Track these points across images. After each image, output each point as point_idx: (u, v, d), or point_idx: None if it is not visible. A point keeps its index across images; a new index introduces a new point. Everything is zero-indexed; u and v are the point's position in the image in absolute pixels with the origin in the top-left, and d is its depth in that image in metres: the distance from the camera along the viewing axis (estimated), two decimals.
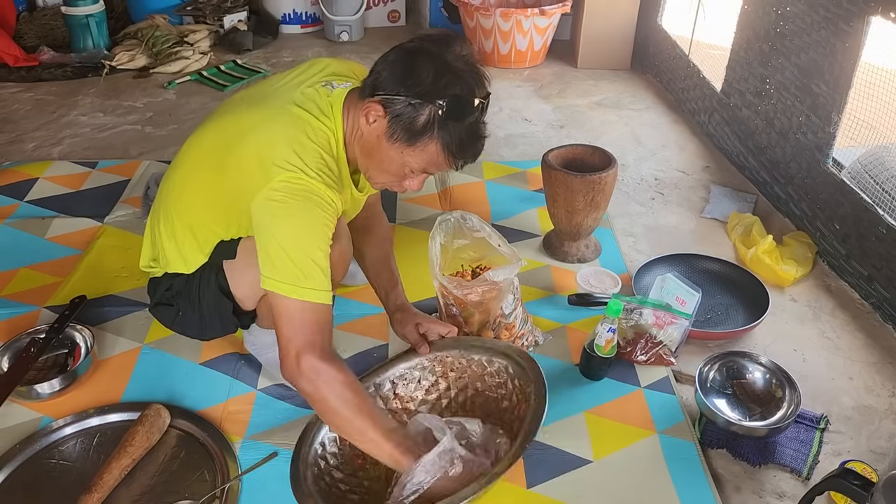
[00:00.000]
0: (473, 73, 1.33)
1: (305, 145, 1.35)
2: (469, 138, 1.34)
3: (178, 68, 3.53)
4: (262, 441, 1.53)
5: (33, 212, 2.32)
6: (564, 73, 3.69)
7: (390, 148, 1.35)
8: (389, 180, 1.44)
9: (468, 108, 1.31)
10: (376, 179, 1.46)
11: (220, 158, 1.41)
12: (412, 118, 1.30)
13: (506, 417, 1.47)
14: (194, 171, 1.50)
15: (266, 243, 1.33)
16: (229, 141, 1.40)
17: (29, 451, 1.49)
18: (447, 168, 1.38)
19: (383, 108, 1.32)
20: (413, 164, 1.37)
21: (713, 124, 2.91)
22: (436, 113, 1.29)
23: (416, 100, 1.29)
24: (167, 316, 1.68)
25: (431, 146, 1.33)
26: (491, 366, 1.53)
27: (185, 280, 1.59)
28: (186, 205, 1.53)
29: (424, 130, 1.31)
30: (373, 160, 1.41)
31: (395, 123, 1.32)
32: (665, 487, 1.45)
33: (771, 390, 1.65)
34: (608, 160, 2.05)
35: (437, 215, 1.70)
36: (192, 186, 1.51)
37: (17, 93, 3.29)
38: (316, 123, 1.38)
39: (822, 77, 2.14)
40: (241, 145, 1.37)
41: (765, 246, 2.09)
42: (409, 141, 1.33)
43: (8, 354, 1.69)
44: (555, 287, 2.04)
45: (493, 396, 1.53)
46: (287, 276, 1.30)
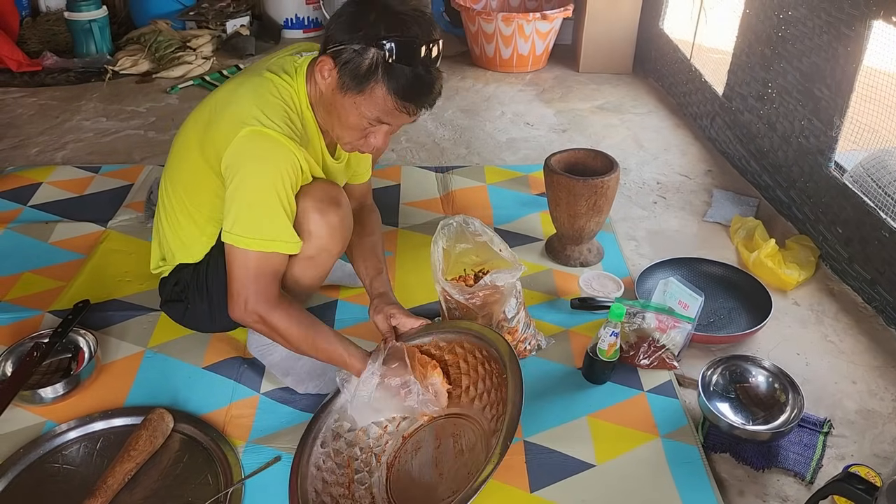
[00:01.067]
0: (419, 17, 1.34)
1: (267, 100, 1.40)
2: (417, 81, 1.34)
3: (180, 73, 3.54)
4: (265, 445, 1.53)
5: (37, 216, 2.32)
6: (566, 77, 3.70)
7: (343, 99, 1.38)
8: (353, 137, 1.45)
9: (413, 51, 1.32)
10: (342, 139, 1.48)
11: (201, 135, 1.46)
12: (357, 64, 1.33)
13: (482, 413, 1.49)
14: (182, 158, 1.54)
15: (230, 197, 1.38)
16: (208, 117, 1.46)
17: (32, 456, 1.49)
18: (400, 115, 1.39)
19: (332, 60, 1.36)
20: (366, 112, 1.38)
21: (715, 128, 2.91)
22: (379, 56, 1.31)
23: (358, 45, 1.32)
24: (177, 312, 1.69)
25: (378, 90, 1.34)
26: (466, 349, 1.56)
27: (192, 270, 1.61)
28: (181, 192, 1.56)
29: (369, 74, 1.33)
30: (333, 117, 1.44)
31: (343, 72, 1.35)
32: (668, 491, 1.45)
33: (774, 394, 1.65)
34: (610, 164, 2.05)
35: (440, 219, 1.70)
36: (183, 173, 1.55)
37: (20, 98, 3.30)
38: (279, 81, 1.43)
39: (824, 81, 2.14)
40: (218, 115, 1.43)
41: (767, 250, 2.09)
42: (358, 87, 1.35)
43: (11, 359, 1.69)
44: (557, 291, 2.04)
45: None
46: (246, 230, 1.37)
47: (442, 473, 1.44)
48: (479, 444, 1.44)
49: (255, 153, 1.37)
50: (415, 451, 1.51)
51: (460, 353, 1.55)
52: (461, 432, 1.49)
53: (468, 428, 1.49)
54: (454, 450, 1.47)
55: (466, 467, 1.41)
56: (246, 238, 1.37)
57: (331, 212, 1.48)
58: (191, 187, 1.54)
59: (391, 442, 1.53)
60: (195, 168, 1.51)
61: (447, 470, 1.44)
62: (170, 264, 1.64)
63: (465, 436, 1.48)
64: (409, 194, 2.49)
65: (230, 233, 1.38)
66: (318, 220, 1.45)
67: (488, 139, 3.00)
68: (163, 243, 1.64)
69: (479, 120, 3.18)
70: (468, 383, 1.53)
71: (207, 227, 1.56)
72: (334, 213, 1.49)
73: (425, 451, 1.50)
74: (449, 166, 2.70)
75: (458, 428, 1.51)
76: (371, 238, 1.73)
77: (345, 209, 1.53)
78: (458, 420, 1.52)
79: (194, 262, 1.61)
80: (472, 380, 1.53)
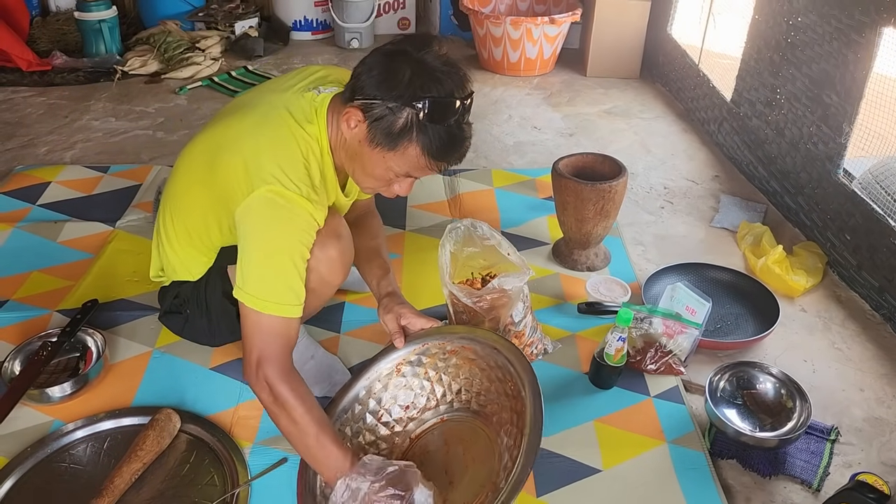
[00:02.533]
0: (453, 73, 1.31)
1: (289, 157, 1.35)
2: (450, 140, 1.32)
3: (189, 74, 3.55)
4: (271, 447, 1.53)
5: (45, 216, 2.33)
6: (574, 81, 3.70)
7: (372, 153, 1.34)
8: (376, 185, 1.43)
9: (447, 110, 1.29)
10: (363, 184, 1.45)
11: (210, 167, 1.42)
12: (390, 122, 1.29)
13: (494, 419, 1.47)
14: (187, 180, 1.51)
15: (242, 254, 1.35)
16: (218, 148, 1.41)
17: (40, 455, 1.49)
18: (431, 172, 1.37)
19: (362, 112, 1.31)
20: (396, 168, 1.36)
21: (723, 134, 2.91)
22: (414, 116, 1.28)
23: (393, 103, 1.28)
24: (176, 324, 1.69)
25: (411, 150, 1.31)
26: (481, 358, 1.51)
27: (191, 287, 1.60)
28: (183, 213, 1.54)
29: (403, 134, 1.30)
30: (357, 165, 1.40)
31: (374, 128, 1.31)
32: (675, 497, 1.45)
33: (781, 401, 1.64)
34: (618, 169, 2.05)
35: (447, 223, 1.71)
36: (187, 195, 1.52)
37: (29, 97, 3.31)
38: (300, 132, 1.38)
39: (834, 88, 2.14)
40: (229, 153, 1.38)
41: (775, 256, 2.09)
42: (390, 145, 1.32)
43: (20, 357, 1.69)
44: (564, 295, 2.04)
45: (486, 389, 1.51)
46: (257, 291, 1.32)
47: (452, 482, 1.43)
48: (491, 453, 1.42)
49: (274, 216, 1.33)
50: (423, 454, 1.50)
51: (471, 359, 1.54)
52: (472, 439, 1.48)
53: (480, 434, 1.47)
54: (464, 457, 1.46)
55: (478, 479, 1.39)
56: (258, 300, 1.32)
57: (331, 245, 1.46)
58: (192, 218, 1.52)
59: (399, 441, 1.53)
60: (199, 202, 1.48)
61: (457, 477, 1.43)
62: (169, 277, 1.65)
63: (476, 443, 1.47)
64: (416, 197, 2.49)
65: (243, 290, 1.33)
66: (317, 254, 1.41)
67: (496, 143, 3.00)
68: (162, 256, 1.63)
69: (487, 123, 3.18)
70: (479, 389, 1.52)
71: (208, 252, 1.56)
72: (334, 246, 1.47)
73: (434, 455, 1.49)
74: (456, 169, 2.70)
75: (468, 433, 1.49)
76: (375, 241, 1.73)
77: (345, 241, 1.51)
78: (469, 425, 1.51)
79: (193, 280, 1.60)
80: (484, 387, 1.51)
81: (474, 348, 1.51)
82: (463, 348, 1.52)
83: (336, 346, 1.82)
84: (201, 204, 1.48)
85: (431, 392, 1.56)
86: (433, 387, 1.56)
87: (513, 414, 1.41)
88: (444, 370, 1.55)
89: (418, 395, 1.56)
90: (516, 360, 1.41)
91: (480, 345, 1.50)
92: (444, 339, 1.54)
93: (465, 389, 1.54)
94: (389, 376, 1.57)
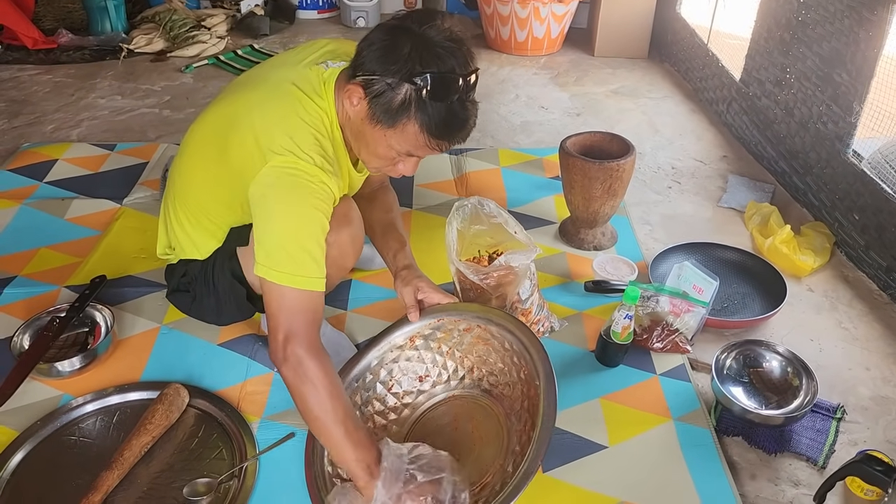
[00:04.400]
0: (456, 49, 1.26)
1: (300, 127, 1.33)
2: (451, 118, 1.28)
3: (195, 52, 3.54)
4: (279, 422, 1.54)
5: (53, 193, 2.33)
6: (581, 60, 3.68)
7: (373, 131, 1.31)
8: (380, 164, 1.41)
9: (449, 86, 1.24)
10: (369, 164, 1.44)
11: (221, 144, 1.40)
12: (389, 98, 1.26)
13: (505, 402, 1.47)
14: (197, 158, 1.50)
15: (260, 229, 1.32)
16: (228, 125, 1.39)
17: (50, 428, 1.50)
18: (432, 151, 1.33)
19: (363, 89, 1.28)
20: (397, 146, 1.33)
21: (731, 114, 2.89)
22: (413, 92, 1.24)
23: (391, 78, 1.24)
24: (184, 302, 1.70)
25: (410, 127, 1.28)
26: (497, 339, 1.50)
27: (199, 266, 1.61)
28: (193, 192, 1.53)
29: (402, 110, 1.26)
30: (362, 143, 1.38)
31: (374, 105, 1.28)
32: (680, 474, 1.45)
33: (788, 379, 1.65)
34: (626, 148, 2.04)
35: (454, 201, 1.70)
36: (197, 173, 1.51)
37: (35, 75, 3.31)
38: (310, 105, 1.36)
39: (844, 66, 2.12)
40: (240, 129, 1.36)
41: (782, 236, 2.08)
42: (389, 122, 1.28)
43: (29, 332, 1.70)
44: (571, 274, 2.04)
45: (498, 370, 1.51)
46: (280, 264, 1.29)
47: (459, 458, 1.42)
48: (499, 434, 1.44)
49: (290, 187, 1.30)
50: (431, 427, 1.51)
51: (486, 339, 1.53)
52: (481, 418, 1.49)
53: (489, 414, 1.48)
54: (472, 435, 1.47)
55: (486, 459, 1.40)
56: (283, 273, 1.28)
57: (343, 230, 1.45)
58: (205, 191, 1.51)
59: (407, 413, 1.54)
60: (211, 175, 1.47)
61: (464, 455, 1.43)
62: (177, 255, 1.65)
63: (484, 423, 1.48)
64: (423, 176, 2.48)
65: (265, 266, 1.29)
66: (329, 238, 1.38)
67: (502, 122, 2.99)
68: (170, 234, 1.63)
69: (494, 103, 3.17)
70: (491, 369, 1.52)
71: (218, 232, 1.55)
72: (346, 230, 1.46)
73: (442, 430, 1.50)
74: (463, 149, 2.69)
75: (477, 412, 1.50)
76: (390, 215, 1.71)
77: (356, 226, 1.50)
78: (479, 403, 1.52)
79: (202, 258, 1.60)
80: (497, 367, 1.51)
81: (489, 328, 1.50)
82: (478, 327, 1.52)
83: (343, 323, 1.82)
84: (212, 182, 1.48)
85: (443, 367, 1.57)
86: (445, 361, 1.56)
87: (524, 398, 1.42)
88: (458, 346, 1.55)
89: (430, 369, 1.57)
90: (532, 345, 1.40)
91: (496, 326, 1.49)
92: (460, 316, 1.53)
93: (478, 367, 1.54)
94: (402, 348, 1.57)
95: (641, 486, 1.43)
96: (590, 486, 1.42)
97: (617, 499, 1.40)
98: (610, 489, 1.42)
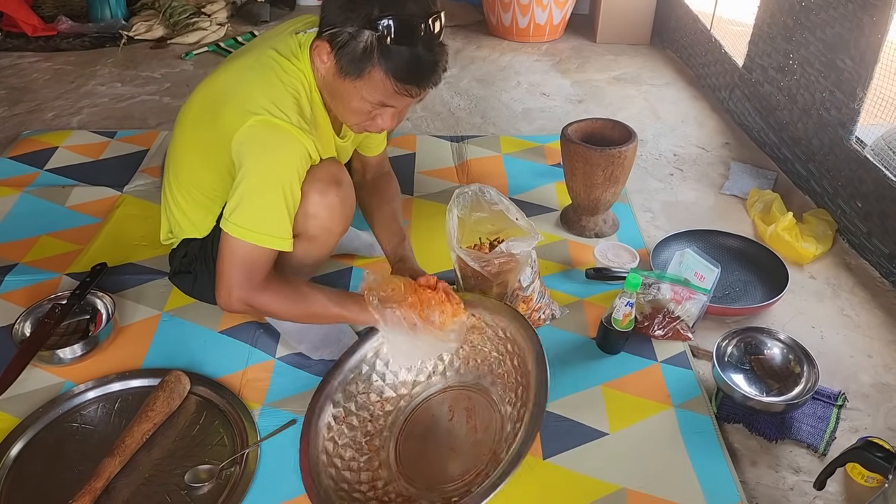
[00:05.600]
0: None
1: (278, 88, 1.36)
2: (416, 62, 1.27)
3: (195, 39, 3.53)
4: (280, 409, 1.55)
5: (53, 180, 2.33)
6: (583, 47, 3.66)
7: (344, 84, 1.33)
8: (358, 119, 1.41)
9: (410, 30, 1.24)
10: (347, 120, 1.45)
11: (211, 113, 1.42)
12: (353, 48, 1.27)
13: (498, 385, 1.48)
14: (189, 136, 1.52)
15: (234, 184, 1.36)
16: (216, 95, 1.43)
17: (52, 415, 1.51)
18: (405, 99, 1.34)
19: (329, 44, 1.30)
20: (368, 97, 1.33)
21: (734, 100, 2.87)
22: (373, 38, 1.25)
23: (352, 27, 1.26)
24: (186, 283, 1.70)
25: (376, 74, 1.28)
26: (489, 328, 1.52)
27: (199, 244, 1.61)
28: (187, 167, 1.55)
29: (365, 58, 1.27)
30: (338, 101, 1.40)
31: (340, 57, 1.29)
32: (681, 461, 1.46)
33: (789, 366, 1.64)
34: (628, 134, 2.03)
35: (455, 188, 1.69)
36: (190, 150, 1.53)
37: (35, 62, 3.30)
38: (288, 66, 1.39)
39: (848, 52, 2.10)
40: (225, 100, 1.39)
41: (784, 223, 2.07)
42: (356, 72, 1.29)
43: (30, 320, 1.70)
44: (572, 261, 2.03)
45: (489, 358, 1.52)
46: (245, 221, 1.34)
47: (454, 448, 1.44)
48: (494, 423, 1.44)
49: (263, 144, 1.33)
50: (427, 419, 1.51)
51: (479, 327, 1.54)
52: (475, 407, 1.50)
53: (484, 403, 1.49)
54: (468, 425, 1.48)
55: (481, 448, 1.41)
56: (242, 229, 1.34)
57: (331, 192, 1.45)
58: (198, 168, 1.52)
59: (403, 405, 1.54)
60: (203, 156, 1.49)
61: (459, 445, 1.44)
62: (177, 237, 1.65)
63: (480, 413, 1.49)
64: (424, 163, 2.48)
65: (228, 220, 1.35)
66: (317, 200, 1.42)
67: (504, 109, 2.98)
68: (170, 217, 1.63)
69: (495, 90, 3.15)
70: (485, 357, 1.52)
71: (213, 206, 1.56)
72: (335, 193, 1.45)
73: (438, 420, 1.51)
74: (464, 136, 2.69)
75: (473, 402, 1.51)
76: (391, 205, 1.72)
77: (345, 188, 1.50)
78: (474, 393, 1.52)
79: (201, 236, 1.61)
80: (492, 356, 1.51)
81: (482, 317, 1.51)
82: (471, 316, 1.52)
83: None
84: (205, 157, 1.49)
85: (439, 357, 1.57)
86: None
87: (518, 386, 1.42)
88: None
89: (425, 360, 1.57)
90: (522, 329, 1.42)
91: (490, 313, 1.50)
92: None
93: (473, 358, 1.54)
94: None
95: (642, 472, 1.43)
96: (590, 473, 1.43)
97: (617, 485, 1.41)
98: (610, 476, 1.42)
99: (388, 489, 1.39)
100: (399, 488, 1.39)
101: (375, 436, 1.48)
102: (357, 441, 1.46)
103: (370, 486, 1.39)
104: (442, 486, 1.37)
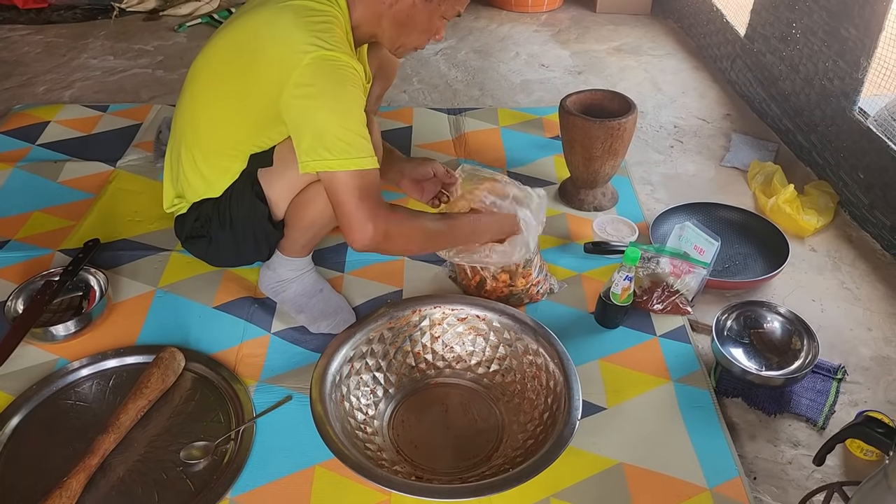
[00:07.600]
0: None
1: (318, 26, 1.36)
2: None
3: (188, 11, 3.47)
4: (276, 385, 1.53)
5: (45, 155, 2.30)
6: (583, 17, 3.60)
7: (425, 8, 1.45)
8: (424, 40, 1.54)
9: None
10: (410, 45, 1.54)
11: (243, 67, 1.41)
12: None
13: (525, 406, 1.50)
14: (214, 91, 1.49)
15: (306, 129, 1.35)
16: (245, 48, 1.41)
17: (46, 392, 1.50)
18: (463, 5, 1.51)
19: None
20: (447, 12, 1.48)
21: (735, 71, 2.83)
22: None
23: None
24: (200, 247, 1.67)
25: None
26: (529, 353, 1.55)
27: (212, 204, 1.58)
28: (208, 129, 1.52)
29: None
30: (409, 28, 1.48)
31: None
32: (679, 435, 1.45)
33: (789, 340, 1.63)
34: (628, 106, 2.00)
35: (453, 162, 1.67)
36: (214, 111, 1.50)
37: (26, 35, 3.24)
38: (322, 7, 1.40)
39: (852, 20, 2.06)
40: (259, 47, 1.38)
41: (786, 195, 2.05)
42: None
43: (23, 296, 1.69)
44: (571, 235, 2.01)
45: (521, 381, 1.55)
46: (335, 153, 1.33)
47: (457, 436, 1.45)
48: (494, 417, 1.48)
49: (327, 77, 1.34)
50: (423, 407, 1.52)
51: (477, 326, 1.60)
52: (469, 402, 1.52)
53: (476, 398, 1.52)
54: (466, 417, 1.49)
55: (488, 442, 1.44)
56: (344, 160, 1.33)
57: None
58: (223, 129, 1.50)
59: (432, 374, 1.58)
60: (232, 109, 1.46)
61: (462, 435, 1.45)
62: (188, 201, 1.62)
63: (476, 406, 1.51)
64: (421, 136, 2.44)
65: (323, 160, 1.33)
66: None
67: (502, 81, 2.94)
68: (180, 181, 1.60)
69: (493, 61, 3.11)
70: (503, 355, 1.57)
71: (234, 164, 1.54)
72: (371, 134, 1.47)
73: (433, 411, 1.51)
74: (462, 108, 2.65)
75: (463, 398, 1.54)
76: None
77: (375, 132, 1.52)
78: (461, 390, 1.56)
79: (215, 196, 1.58)
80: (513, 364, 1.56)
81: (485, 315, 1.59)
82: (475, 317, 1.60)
83: (340, 285, 1.80)
84: (235, 110, 1.47)
85: (480, 348, 1.60)
86: (485, 343, 1.59)
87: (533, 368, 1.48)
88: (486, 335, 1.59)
89: (467, 346, 1.59)
90: (547, 341, 1.51)
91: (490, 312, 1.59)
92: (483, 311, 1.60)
93: (496, 359, 1.58)
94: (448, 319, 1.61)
95: (640, 447, 1.43)
96: (588, 448, 1.42)
97: (615, 460, 1.40)
98: (608, 451, 1.42)
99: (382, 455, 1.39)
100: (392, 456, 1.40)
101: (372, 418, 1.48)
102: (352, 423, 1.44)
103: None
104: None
